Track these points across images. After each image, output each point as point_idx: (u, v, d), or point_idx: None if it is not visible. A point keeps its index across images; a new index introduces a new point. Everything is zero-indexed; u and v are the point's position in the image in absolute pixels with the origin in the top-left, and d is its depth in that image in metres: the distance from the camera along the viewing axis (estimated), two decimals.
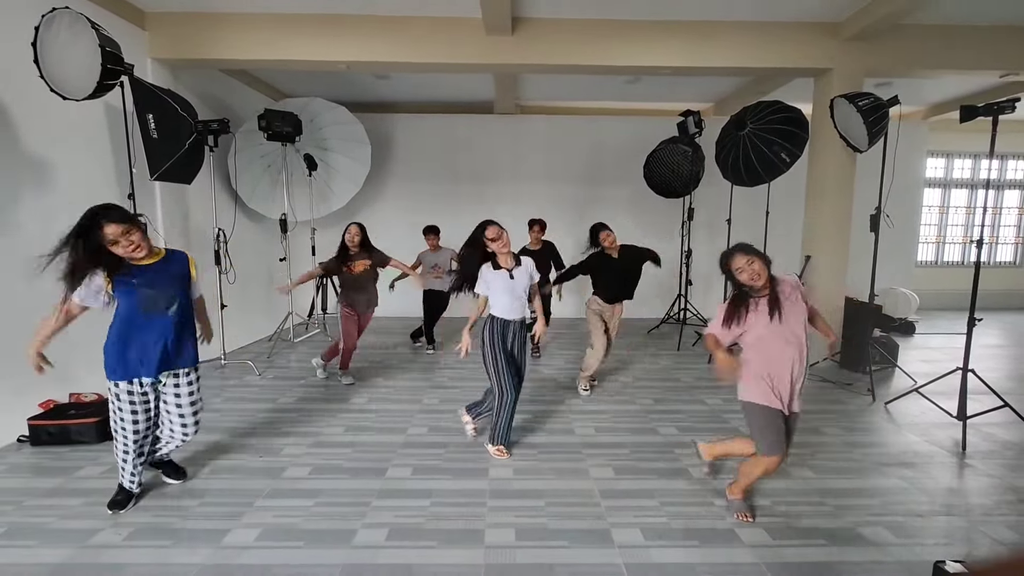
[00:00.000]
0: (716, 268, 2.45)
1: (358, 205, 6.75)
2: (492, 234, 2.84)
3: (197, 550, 2.12)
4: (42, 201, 3.49)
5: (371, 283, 4.20)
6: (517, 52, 4.61)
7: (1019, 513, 2.45)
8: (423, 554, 2.11)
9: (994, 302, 8.00)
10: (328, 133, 5.97)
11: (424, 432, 3.30)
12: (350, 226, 4.12)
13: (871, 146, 4.15)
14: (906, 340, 6.00)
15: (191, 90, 4.84)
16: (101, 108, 3.92)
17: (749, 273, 2.21)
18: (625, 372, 4.57)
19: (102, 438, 3.06)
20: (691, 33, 4.61)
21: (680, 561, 2.08)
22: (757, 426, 2.27)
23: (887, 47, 4.68)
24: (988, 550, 2.18)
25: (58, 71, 3.04)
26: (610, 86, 6.34)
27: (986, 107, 3.11)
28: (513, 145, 7.18)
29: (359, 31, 4.55)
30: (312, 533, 2.24)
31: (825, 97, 4.67)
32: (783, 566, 2.06)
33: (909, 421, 3.56)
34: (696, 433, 3.31)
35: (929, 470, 2.87)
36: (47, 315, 2.17)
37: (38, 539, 2.18)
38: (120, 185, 3.97)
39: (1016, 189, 8.35)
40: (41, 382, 3.39)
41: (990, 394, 3.48)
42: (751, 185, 5.04)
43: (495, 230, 2.85)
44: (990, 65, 4.77)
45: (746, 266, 2.21)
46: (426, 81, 6.31)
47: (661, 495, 2.57)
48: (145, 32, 4.45)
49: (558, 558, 2.09)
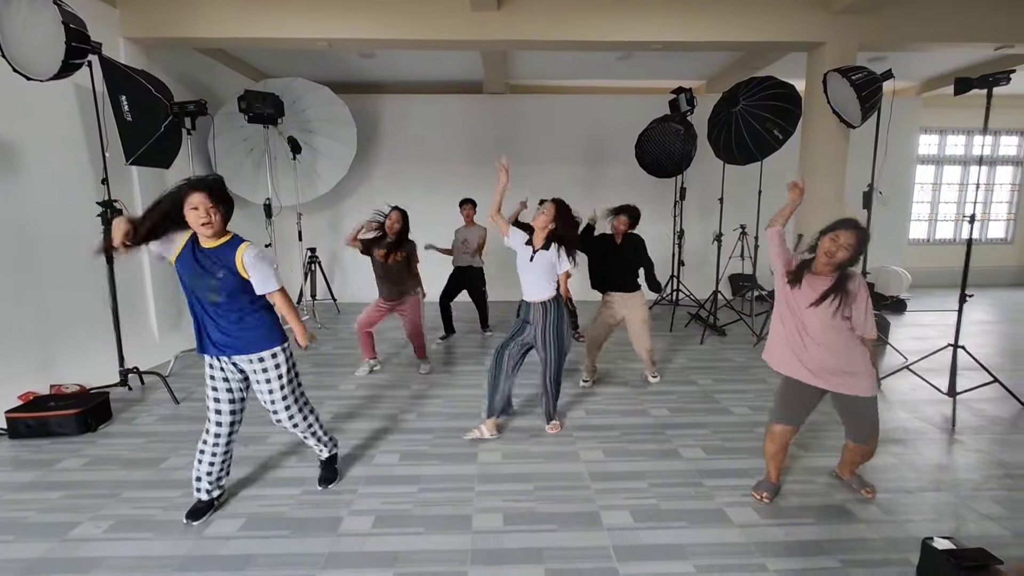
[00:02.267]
0: (709, 248, 2.42)
1: (345, 189, 6.63)
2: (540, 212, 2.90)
3: (180, 542, 2.08)
4: (11, 188, 3.38)
5: (403, 274, 3.87)
6: (504, 28, 4.48)
7: (1007, 488, 2.45)
8: (410, 540, 2.08)
9: (985, 279, 8.02)
10: (312, 115, 5.82)
11: (412, 418, 3.27)
12: (392, 211, 3.80)
13: (864, 121, 4.09)
14: (898, 317, 6.01)
15: (166, 71, 4.68)
16: (71, 90, 3.79)
17: (826, 248, 2.11)
18: (617, 354, 4.55)
19: (83, 430, 3.00)
20: (683, 6, 4.49)
21: (669, 542, 2.06)
22: (778, 389, 2.33)
23: (881, 20, 4.58)
24: (976, 525, 2.18)
25: (20, 50, 2.89)
26: (601, 63, 6.20)
27: (981, 79, 3.05)
28: (503, 125, 7.04)
29: (340, 7, 4.40)
30: (297, 522, 2.21)
31: (818, 72, 4.58)
32: (772, 545, 2.05)
33: (900, 398, 3.56)
34: (688, 414, 3.30)
35: (919, 446, 2.87)
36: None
37: (15, 534, 2.13)
38: (94, 170, 3.86)
39: (1009, 165, 8.33)
40: (20, 374, 3.34)
41: (980, 370, 3.49)
42: (744, 163, 4.97)
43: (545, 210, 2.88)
44: (984, 37, 4.69)
45: (834, 241, 2.09)
46: (412, 60, 6.15)
47: (651, 477, 2.55)
48: (116, 10, 4.29)
49: (547, 542, 2.07)
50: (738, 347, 4.82)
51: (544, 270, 2.85)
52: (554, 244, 2.86)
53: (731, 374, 4.08)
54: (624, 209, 3.65)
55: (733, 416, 3.27)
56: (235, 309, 2.09)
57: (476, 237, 4.98)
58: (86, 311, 3.83)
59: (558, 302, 2.93)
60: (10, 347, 3.32)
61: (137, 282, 4.42)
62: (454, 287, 5.07)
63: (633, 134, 5.99)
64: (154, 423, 3.20)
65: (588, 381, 3.84)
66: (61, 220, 3.69)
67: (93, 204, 3.47)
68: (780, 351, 2.28)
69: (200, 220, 1.94)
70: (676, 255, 5.94)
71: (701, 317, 5.55)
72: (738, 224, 5.99)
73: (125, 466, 2.67)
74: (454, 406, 3.45)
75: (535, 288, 2.90)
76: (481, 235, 4.99)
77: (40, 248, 3.56)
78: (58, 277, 3.66)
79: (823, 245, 2.14)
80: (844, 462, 2.45)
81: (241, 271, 2.03)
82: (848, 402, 2.21)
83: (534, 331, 2.93)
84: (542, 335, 2.91)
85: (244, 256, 2.02)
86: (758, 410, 3.34)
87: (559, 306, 2.93)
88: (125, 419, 3.25)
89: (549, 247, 2.86)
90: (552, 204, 2.86)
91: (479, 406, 3.41)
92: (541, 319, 2.89)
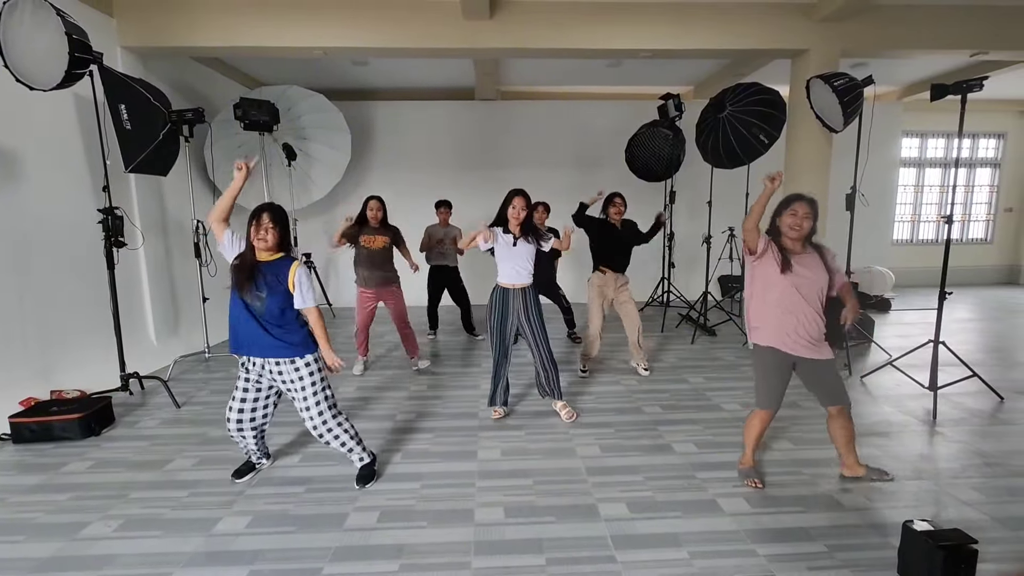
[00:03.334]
0: (699, 250, 2.52)
1: (340, 194, 6.69)
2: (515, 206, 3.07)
3: (188, 539, 2.13)
4: (11, 196, 3.41)
5: (388, 261, 4.08)
6: (496, 36, 4.58)
7: (984, 476, 2.57)
8: (414, 534, 2.15)
9: (966, 278, 8.24)
10: (306, 122, 5.88)
11: (412, 418, 3.33)
12: (370, 200, 4.00)
13: (846, 126, 4.22)
14: (882, 316, 6.17)
15: (163, 79, 4.73)
16: (71, 99, 3.83)
17: (789, 222, 2.29)
18: (610, 354, 4.64)
19: (86, 434, 3.04)
20: (670, 16, 4.63)
21: (664, 531, 2.15)
22: (756, 372, 2.43)
23: (862, 28, 4.74)
24: (955, 511, 2.28)
25: (23, 61, 2.94)
26: (591, 70, 6.33)
27: (955, 85, 3.18)
28: (495, 131, 7.15)
29: (335, 16, 4.48)
30: (304, 518, 2.27)
31: (802, 78, 4.73)
32: (762, 532, 2.14)
33: (884, 393, 3.68)
34: (680, 411, 3.39)
35: (902, 438, 2.98)
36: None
37: (26, 534, 2.17)
38: (93, 178, 3.90)
39: (988, 167, 8.56)
40: (22, 380, 3.36)
41: (960, 365, 3.62)
42: (731, 167, 5.10)
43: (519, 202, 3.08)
44: (960, 45, 4.87)
45: (796, 214, 2.29)
46: (405, 67, 6.24)
47: (646, 471, 2.64)
48: (113, 19, 4.33)
49: (546, 533, 2.15)
50: (728, 346, 4.93)
51: (528, 254, 3.10)
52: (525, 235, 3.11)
53: (721, 372, 4.19)
54: (616, 195, 4.03)
55: (724, 412, 3.37)
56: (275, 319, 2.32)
57: (450, 238, 5.07)
58: (85, 317, 3.86)
59: (535, 288, 3.21)
60: (11, 354, 3.34)
61: (135, 288, 4.44)
62: (435, 290, 5.19)
63: (623, 139, 6.10)
64: (156, 426, 3.24)
65: (585, 372, 4.11)
66: (61, 227, 3.72)
67: (92, 211, 3.52)
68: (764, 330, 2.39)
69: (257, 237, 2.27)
70: (667, 257, 6.05)
71: (692, 318, 5.67)
72: (727, 227, 6.13)
73: (130, 468, 2.72)
74: (452, 406, 3.52)
75: (521, 273, 3.11)
76: (455, 235, 5.08)
77: (40, 255, 3.59)
78: (57, 284, 3.69)
79: (785, 222, 2.32)
80: (843, 452, 2.50)
81: (291, 285, 2.30)
82: (817, 368, 2.36)
83: (518, 317, 3.12)
84: (527, 318, 3.12)
85: (297, 272, 2.31)
86: (748, 406, 3.44)
87: (535, 290, 3.21)
88: (128, 423, 3.29)
89: (525, 236, 3.10)
90: (522, 199, 3.07)
91: (477, 406, 3.49)
92: (522, 304, 3.11)
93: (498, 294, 3.15)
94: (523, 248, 3.11)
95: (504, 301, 3.13)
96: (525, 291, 3.13)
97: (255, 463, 2.65)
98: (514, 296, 3.12)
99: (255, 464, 2.65)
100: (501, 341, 3.16)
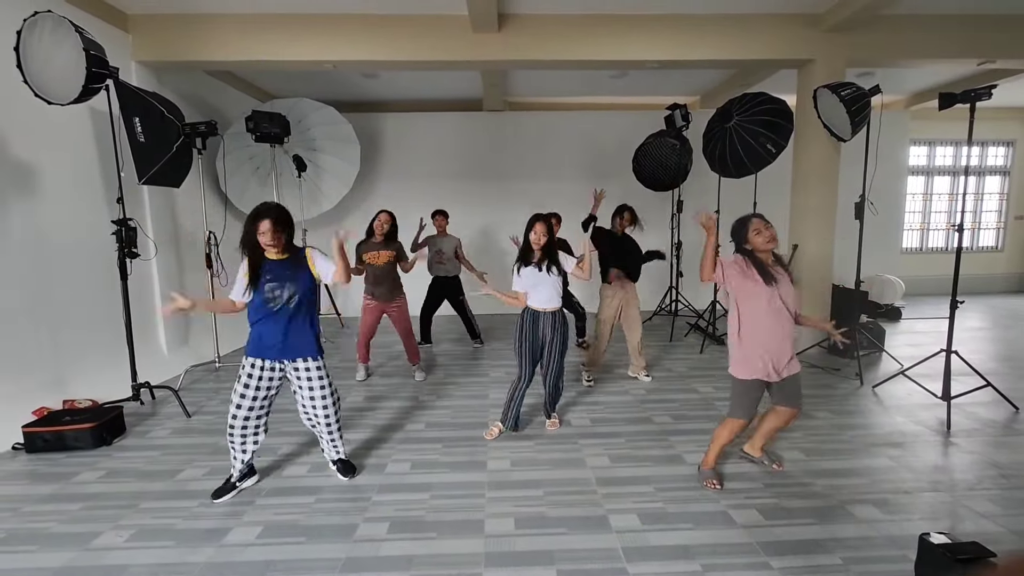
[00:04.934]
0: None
1: (349, 205, 6.75)
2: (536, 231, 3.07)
3: (199, 549, 2.14)
4: (29, 208, 3.47)
5: (392, 276, 4.14)
6: (504, 49, 4.64)
7: (1000, 487, 2.53)
8: (424, 545, 2.14)
9: (977, 286, 8.16)
10: (316, 133, 5.95)
11: (421, 428, 3.33)
12: (380, 213, 4.06)
13: (854, 135, 4.22)
14: (893, 325, 6.11)
15: (176, 92, 4.81)
16: (87, 113, 3.90)
17: (766, 236, 2.40)
18: (619, 363, 4.63)
19: (98, 443, 3.06)
20: (676, 26, 4.66)
21: (676, 543, 2.13)
22: (735, 392, 2.51)
23: (868, 37, 4.76)
24: (972, 523, 2.25)
25: (42, 76, 3.02)
26: (597, 81, 6.37)
27: (964, 94, 3.18)
28: (503, 142, 7.20)
29: (345, 30, 4.55)
30: (314, 529, 2.27)
31: (808, 88, 4.74)
32: (775, 544, 2.12)
33: (895, 403, 3.64)
34: (690, 420, 3.37)
35: (915, 449, 2.95)
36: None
37: (38, 544, 2.19)
38: (108, 190, 3.96)
39: (997, 175, 8.51)
40: (34, 390, 3.40)
41: (973, 375, 3.58)
42: (738, 176, 5.10)
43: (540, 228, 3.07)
44: (967, 53, 4.87)
45: (764, 229, 2.41)
46: (414, 79, 6.31)
47: (657, 481, 2.63)
48: (128, 35, 4.43)
49: (557, 544, 2.13)
50: None
51: (556, 279, 3.08)
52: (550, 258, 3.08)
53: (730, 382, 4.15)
54: (624, 207, 4.12)
55: None
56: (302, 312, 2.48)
57: (451, 247, 5.09)
58: (97, 328, 3.91)
59: (564, 312, 3.18)
60: (24, 364, 3.38)
61: (147, 299, 4.49)
62: (434, 299, 5.20)
63: (630, 149, 6.13)
64: (168, 436, 3.26)
65: (591, 382, 4.09)
66: (75, 238, 3.77)
67: (106, 223, 3.57)
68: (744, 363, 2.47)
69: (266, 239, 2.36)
70: (675, 266, 6.04)
71: (700, 327, 5.64)
72: None
73: (142, 478, 2.73)
74: (460, 416, 3.51)
75: (552, 298, 3.09)
76: (455, 245, 5.10)
77: (54, 265, 3.64)
78: (71, 294, 3.74)
79: (757, 242, 2.44)
80: (760, 435, 2.68)
81: (312, 267, 2.47)
82: (787, 381, 2.47)
83: (545, 339, 3.10)
84: (551, 342, 3.10)
85: (313, 254, 2.51)
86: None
87: (564, 313, 3.19)
88: (139, 433, 3.31)
89: (549, 260, 3.06)
90: (542, 224, 3.04)
91: (485, 416, 3.48)
92: (552, 327, 3.09)
93: (529, 316, 3.10)
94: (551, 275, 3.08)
95: (535, 324, 3.10)
96: (555, 315, 3.11)
97: (236, 483, 2.58)
98: (544, 319, 3.09)
99: (236, 484, 2.58)
100: (531, 364, 3.12)
